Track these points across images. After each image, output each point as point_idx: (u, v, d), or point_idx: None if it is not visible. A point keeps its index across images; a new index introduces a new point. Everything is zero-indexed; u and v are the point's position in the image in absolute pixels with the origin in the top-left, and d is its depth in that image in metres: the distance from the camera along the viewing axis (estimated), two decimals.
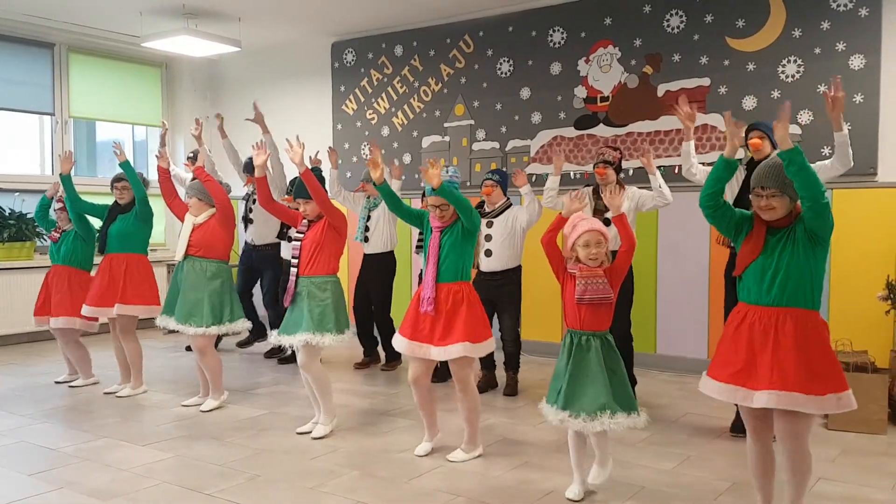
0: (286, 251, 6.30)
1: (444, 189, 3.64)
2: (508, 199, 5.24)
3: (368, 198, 5.97)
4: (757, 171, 2.80)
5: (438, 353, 3.73)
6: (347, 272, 7.29)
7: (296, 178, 5.01)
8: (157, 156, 5.18)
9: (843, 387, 2.68)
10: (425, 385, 3.89)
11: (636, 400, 3.29)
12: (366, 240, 5.90)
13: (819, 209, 2.64)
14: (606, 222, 4.64)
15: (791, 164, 2.62)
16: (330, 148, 6.02)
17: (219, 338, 6.62)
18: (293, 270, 4.21)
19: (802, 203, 2.68)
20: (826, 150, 5.14)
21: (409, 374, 3.90)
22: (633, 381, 4.88)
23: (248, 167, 6.39)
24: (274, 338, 4.30)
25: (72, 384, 5.52)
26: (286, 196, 5.92)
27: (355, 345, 6.02)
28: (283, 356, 6.37)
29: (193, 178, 4.92)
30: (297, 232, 4.27)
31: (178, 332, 4.82)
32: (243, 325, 4.91)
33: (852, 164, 3.78)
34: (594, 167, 4.84)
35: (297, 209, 4.30)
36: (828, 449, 3.97)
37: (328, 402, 4.30)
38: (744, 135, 3.98)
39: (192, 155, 6.59)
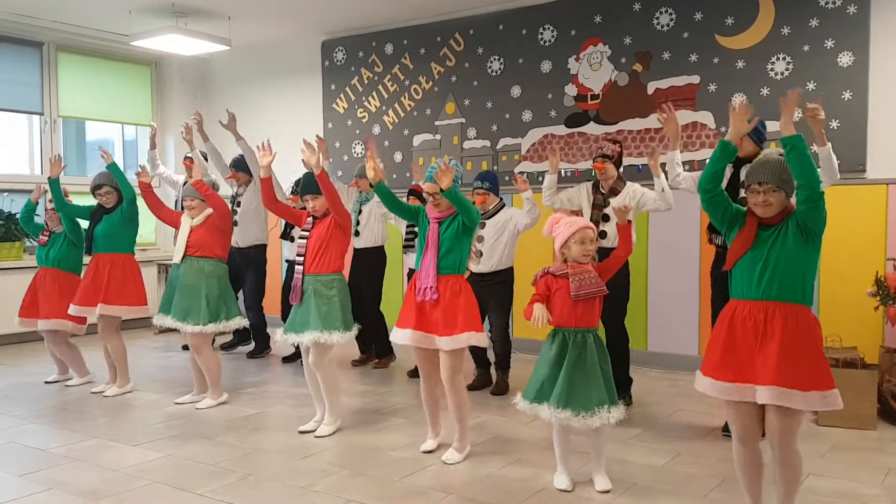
0: (289, 252, 6.28)
1: (451, 192, 3.65)
2: (501, 199, 5.20)
3: (360, 192, 5.96)
4: (753, 166, 2.82)
5: (445, 343, 3.71)
6: None
7: (301, 177, 4.99)
8: (136, 174, 5.12)
9: (828, 385, 2.67)
10: (434, 379, 3.90)
11: (616, 392, 3.39)
12: (357, 234, 5.90)
13: (815, 199, 2.68)
14: (605, 217, 4.63)
15: (794, 149, 2.67)
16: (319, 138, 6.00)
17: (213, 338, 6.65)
18: (298, 269, 4.20)
19: (799, 193, 2.71)
20: (813, 148, 5.14)
21: (420, 369, 3.94)
22: (629, 381, 4.87)
23: (234, 163, 6.36)
24: (281, 336, 4.29)
25: (67, 383, 5.49)
26: (290, 196, 5.90)
27: (350, 342, 5.99)
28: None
29: (186, 181, 4.89)
30: (303, 230, 4.26)
31: (169, 331, 4.81)
32: (240, 323, 4.92)
33: (839, 176, 3.78)
34: (593, 161, 4.78)
35: (304, 207, 4.29)
36: (818, 445, 3.99)
37: (335, 401, 4.29)
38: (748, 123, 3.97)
39: (189, 156, 6.56)
